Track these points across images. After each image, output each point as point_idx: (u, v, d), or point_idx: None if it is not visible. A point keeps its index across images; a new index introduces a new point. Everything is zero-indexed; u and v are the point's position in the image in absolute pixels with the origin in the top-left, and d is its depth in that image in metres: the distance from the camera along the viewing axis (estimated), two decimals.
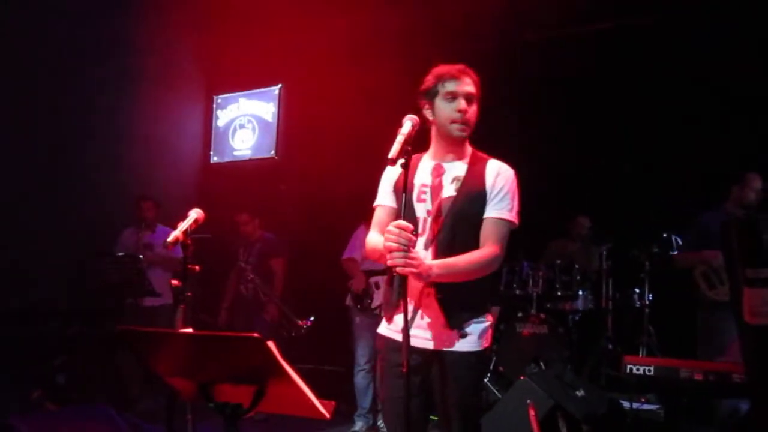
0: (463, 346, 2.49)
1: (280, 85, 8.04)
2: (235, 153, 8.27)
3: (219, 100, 8.48)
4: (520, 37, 6.80)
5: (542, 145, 6.40)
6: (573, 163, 6.39)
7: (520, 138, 6.36)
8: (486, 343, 2.56)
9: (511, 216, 2.54)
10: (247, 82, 8.22)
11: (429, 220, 2.54)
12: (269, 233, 6.32)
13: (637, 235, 6.01)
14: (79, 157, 6.46)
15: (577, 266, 6.16)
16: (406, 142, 2.33)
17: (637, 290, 6.10)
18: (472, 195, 2.53)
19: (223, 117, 8.42)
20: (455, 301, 2.49)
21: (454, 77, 2.55)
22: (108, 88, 6.80)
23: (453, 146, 2.61)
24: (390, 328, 2.60)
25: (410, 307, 2.44)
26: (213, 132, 8.45)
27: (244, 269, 5.98)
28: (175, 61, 7.89)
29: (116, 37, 6.84)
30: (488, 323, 2.58)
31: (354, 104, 6.45)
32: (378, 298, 5.15)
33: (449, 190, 2.55)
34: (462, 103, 2.53)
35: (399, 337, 2.45)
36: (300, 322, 5.55)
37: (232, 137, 8.29)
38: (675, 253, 5.41)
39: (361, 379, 5.24)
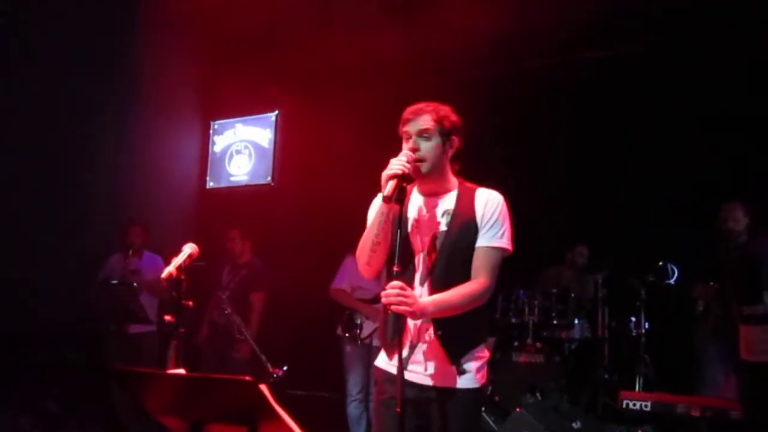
0: (461, 383, 2.49)
1: (276, 112, 8.06)
2: (232, 178, 8.27)
3: (215, 126, 8.49)
4: (515, 64, 6.85)
5: (537, 172, 6.43)
6: (568, 190, 6.41)
7: (516, 165, 6.39)
8: (483, 380, 2.55)
9: (503, 243, 2.54)
10: (243, 108, 8.24)
11: (422, 255, 2.55)
12: (258, 259, 6.17)
13: (633, 263, 6.02)
14: (74, 182, 6.43)
15: (572, 294, 6.15)
16: (401, 180, 2.36)
17: (633, 319, 6.07)
18: (463, 227, 2.53)
19: (219, 142, 8.43)
20: (454, 336, 2.49)
21: (407, 119, 2.57)
22: (104, 113, 6.79)
23: (431, 182, 2.60)
24: (390, 363, 2.58)
25: (407, 343, 2.48)
26: (209, 157, 8.44)
27: (221, 299, 5.60)
28: (172, 86, 7.91)
29: (112, 63, 6.86)
30: (485, 358, 2.58)
31: (350, 130, 6.47)
32: (367, 329, 5.13)
33: (441, 225, 2.55)
34: (410, 143, 2.54)
35: (395, 371, 2.44)
36: (271, 369, 4.94)
37: (229, 163, 8.30)
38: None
39: (353, 409, 5.20)
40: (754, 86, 5.58)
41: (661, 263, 5.68)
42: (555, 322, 6.09)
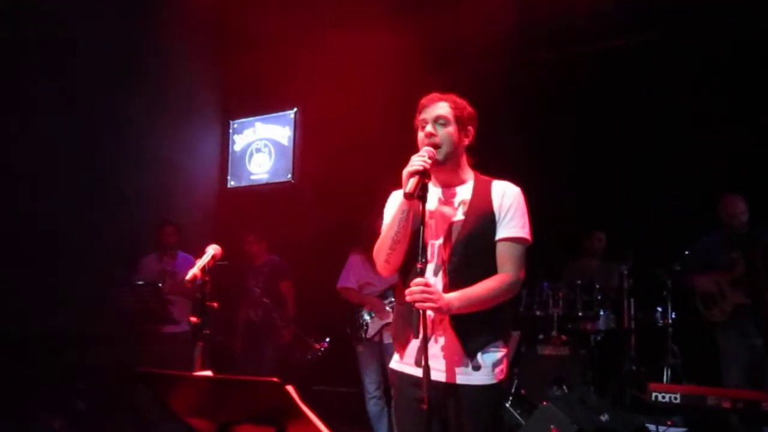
0: (476, 379, 2.45)
1: (295, 109, 8.07)
2: (252, 177, 8.31)
3: (235, 125, 8.53)
4: (530, 55, 6.80)
5: (559, 163, 6.37)
6: (591, 181, 6.35)
7: (536, 156, 6.34)
8: (501, 375, 2.49)
9: (524, 233, 2.51)
10: (262, 106, 8.27)
11: (437, 245, 2.52)
12: (275, 256, 6.39)
13: (658, 253, 5.94)
14: (97, 185, 6.48)
15: (597, 285, 6.10)
16: (422, 176, 2.35)
17: (660, 309, 6.01)
18: (480, 218, 2.51)
19: (239, 141, 8.47)
20: (471, 326, 2.45)
21: (425, 105, 2.58)
22: (123, 115, 6.86)
23: (446, 172, 2.58)
24: (403, 363, 2.57)
25: (420, 336, 2.39)
26: (230, 156, 8.49)
27: (256, 293, 5.99)
28: (191, 86, 7.96)
29: (132, 64, 6.91)
30: (503, 353, 2.52)
31: (370, 125, 6.45)
32: (373, 327, 5.17)
33: (457, 215, 2.53)
34: (428, 128, 2.53)
35: (412, 371, 2.48)
36: (316, 345, 5.63)
37: (249, 161, 8.34)
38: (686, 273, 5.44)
39: (373, 406, 5.24)
40: None
41: (686, 252, 5.60)
42: (580, 313, 6.04)
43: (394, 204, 2.59)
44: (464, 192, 2.57)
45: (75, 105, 6.35)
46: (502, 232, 2.49)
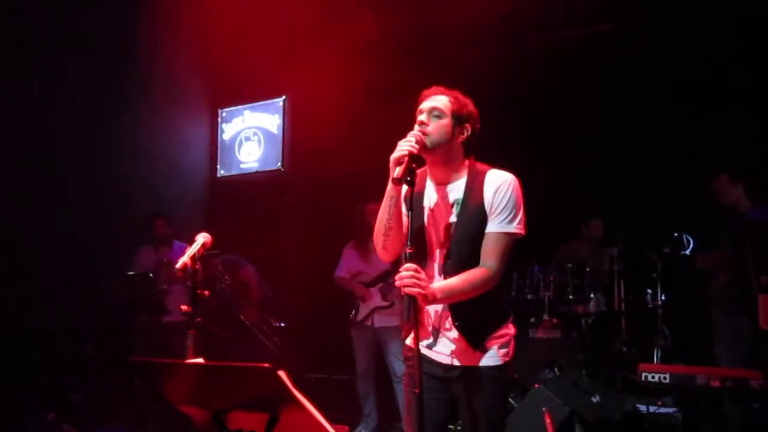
0: (484, 361, 2.54)
1: (284, 97, 8.03)
2: (242, 166, 8.27)
3: (224, 114, 8.48)
4: (528, 40, 6.79)
5: (552, 147, 6.38)
6: (581, 165, 6.37)
7: (529, 141, 6.35)
8: (508, 357, 2.58)
9: (513, 227, 2.50)
10: (251, 94, 8.22)
11: (438, 246, 2.56)
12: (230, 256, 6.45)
13: (648, 236, 5.98)
14: (84, 175, 6.45)
15: (588, 269, 6.13)
16: (410, 160, 2.35)
17: (650, 291, 6.06)
18: (473, 217, 2.51)
19: (228, 130, 8.42)
20: (473, 325, 2.54)
21: (425, 97, 2.59)
22: (111, 105, 6.80)
23: (439, 166, 2.57)
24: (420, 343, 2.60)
25: (431, 328, 2.59)
26: (219, 145, 8.45)
27: (218, 271, 6.09)
28: (179, 75, 7.90)
29: (118, 53, 6.86)
30: (509, 335, 2.61)
31: (359, 113, 6.44)
32: (363, 311, 5.50)
33: (452, 215, 2.54)
34: (421, 117, 2.53)
35: (425, 351, 2.59)
36: (275, 322, 6.05)
37: (239, 150, 8.30)
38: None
39: (360, 387, 5.67)
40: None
41: (676, 234, 5.64)
42: (571, 297, 6.08)
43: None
44: (457, 190, 2.57)
45: (62, 96, 6.30)
46: (491, 226, 2.50)
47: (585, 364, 5.62)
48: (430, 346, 2.59)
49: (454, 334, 2.54)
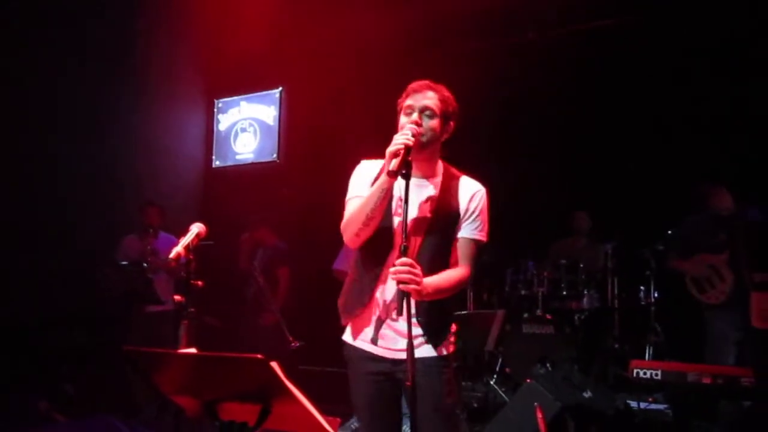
0: (428, 352, 2.56)
1: (280, 88, 8.01)
2: (238, 157, 8.25)
3: (220, 104, 8.45)
4: (519, 35, 6.78)
5: (546, 144, 6.38)
6: (577, 161, 6.37)
7: (524, 137, 6.34)
8: (451, 348, 2.64)
9: (482, 235, 2.62)
10: (247, 85, 8.19)
11: (402, 234, 2.47)
12: (283, 242, 6.44)
13: (642, 233, 5.99)
14: (80, 164, 6.42)
15: (582, 265, 6.14)
16: (406, 153, 2.35)
17: (643, 288, 6.08)
18: (447, 217, 2.58)
19: (224, 121, 8.40)
20: (434, 323, 2.58)
21: (415, 91, 2.57)
22: (108, 95, 6.77)
23: (422, 162, 2.58)
24: (359, 339, 2.66)
25: (374, 318, 2.59)
26: (215, 136, 8.42)
27: (253, 269, 6.02)
28: (175, 65, 7.87)
29: (114, 45, 6.82)
30: (452, 332, 2.67)
31: (356, 105, 6.43)
32: None
33: (424, 210, 2.57)
34: (414, 116, 2.52)
35: (367, 347, 2.61)
36: (291, 341, 5.68)
37: (234, 141, 8.28)
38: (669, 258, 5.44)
39: None
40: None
41: (669, 232, 5.65)
42: (564, 293, 6.10)
43: (367, 176, 2.64)
44: (432, 188, 2.61)
45: (56, 85, 6.26)
46: (464, 231, 2.59)
47: (577, 359, 5.63)
48: (373, 341, 2.59)
49: (402, 323, 2.46)
